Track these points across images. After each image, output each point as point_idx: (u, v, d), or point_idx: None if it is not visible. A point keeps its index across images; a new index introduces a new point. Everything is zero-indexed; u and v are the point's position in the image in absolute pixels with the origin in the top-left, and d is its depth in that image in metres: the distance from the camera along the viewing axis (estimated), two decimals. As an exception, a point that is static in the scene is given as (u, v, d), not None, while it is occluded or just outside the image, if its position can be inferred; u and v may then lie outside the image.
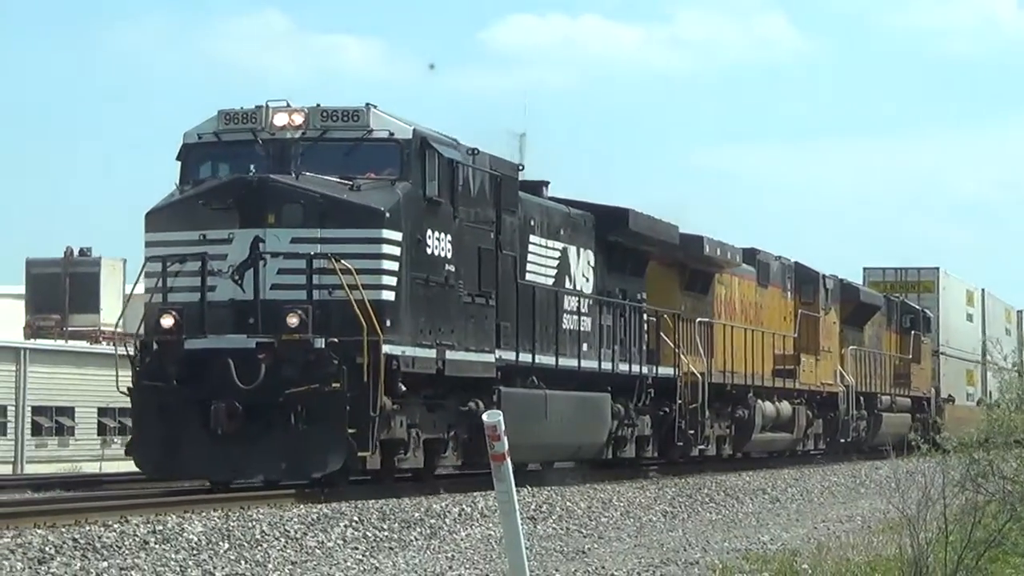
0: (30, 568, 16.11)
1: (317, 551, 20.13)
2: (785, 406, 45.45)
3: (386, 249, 25.06)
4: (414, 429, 26.40)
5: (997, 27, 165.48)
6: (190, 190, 25.82)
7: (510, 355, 29.36)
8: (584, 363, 33.33)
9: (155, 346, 24.95)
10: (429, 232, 26.37)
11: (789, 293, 47.57)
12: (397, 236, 25.26)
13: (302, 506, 22.86)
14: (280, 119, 25.72)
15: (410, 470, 27.42)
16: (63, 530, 18.27)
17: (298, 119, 25.73)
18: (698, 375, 39.04)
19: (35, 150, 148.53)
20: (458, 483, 28.42)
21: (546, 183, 34.86)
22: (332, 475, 24.71)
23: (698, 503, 33.50)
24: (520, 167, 31.23)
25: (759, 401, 43.59)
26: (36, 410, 61.42)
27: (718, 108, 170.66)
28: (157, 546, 18.38)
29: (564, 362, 32.16)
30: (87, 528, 18.72)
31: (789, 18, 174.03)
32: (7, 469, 52.97)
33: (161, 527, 19.22)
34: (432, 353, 26.33)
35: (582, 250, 34.21)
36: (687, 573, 20.52)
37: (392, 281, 25.16)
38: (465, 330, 27.59)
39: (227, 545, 19.13)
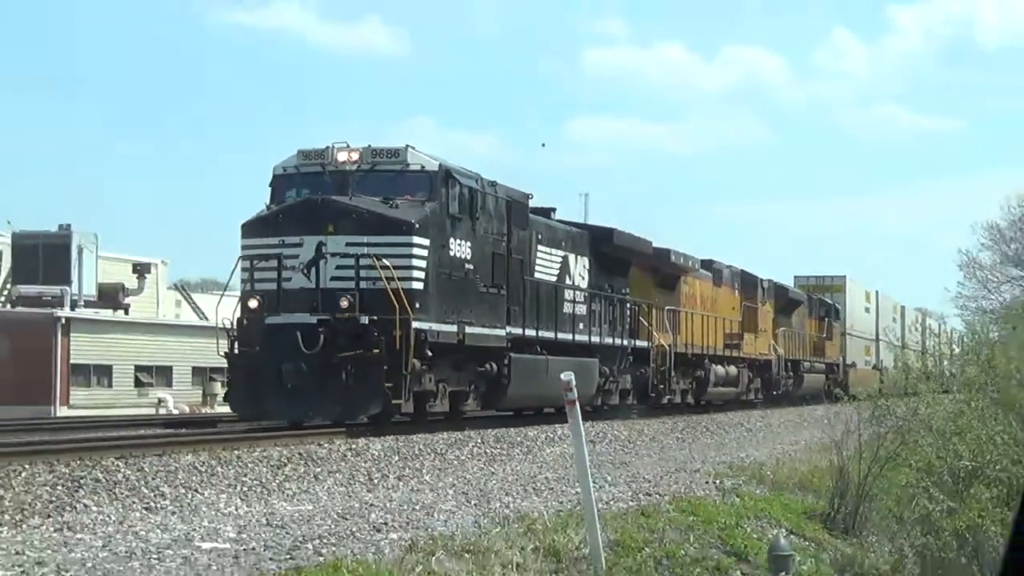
0: (271, 470, 17.38)
1: (455, 461, 20.96)
2: (732, 369, 43.55)
3: (415, 251, 23.24)
4: (441, 383, 24.67)
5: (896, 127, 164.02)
6: (274, 207, 24.16)
7: (518, 330, 27.39)
8: (578, 337, 31.13)
9: (244, 322, 23.39)
10: (452, 240, 24.54)
11: (737, 291, 45.44)
12: (425, 242, 23.48)
13: (445, 433, 23.14)
14: (341, 156, 24.09)
15: (440, 413, 25.51)
16: (291, 447, 19.25)
17: (354, 156, 24.10)
18: (666, 347, 37.08)
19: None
20: (479, 422, 26.55)
21: (553, 209, 32.89)
22: (376, 416, 22.93)
23: (699, 432, 33.55)
24: (529, 196, 29.01)
25: (713, 365, 41.57)
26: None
27: (712, 178, 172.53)
28: (353, 458, 19.37)
29: (562, 336, 30.07)
30: (308, 446, 19.74)
31: (762, 119, 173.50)
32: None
33: (355, 446, 20.20)
34: (454, 328, 24.42)
35: (579, 257, 32.21)
36: (692, 476, 22.05)
37: (420, 275, 23.33)
38: (481, 312, 25.68)
39: (397, 457, 20.09)
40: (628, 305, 35.58)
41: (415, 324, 22.67)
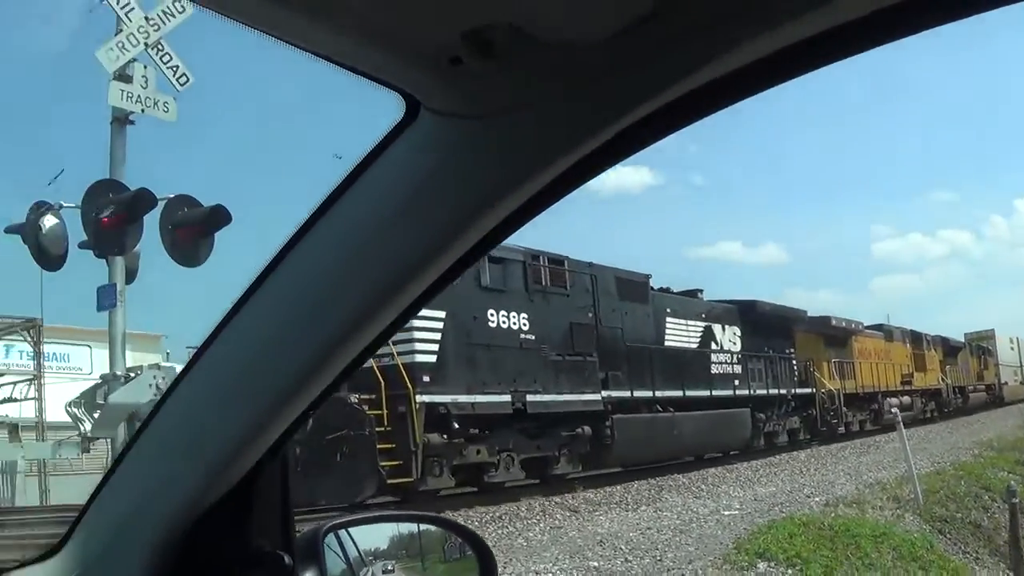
0: (752, 471, 15.67)
1: (841, 460, 17.62)
2: (907, 398, 28.31)
3: (420, 323, 11.30)
4: (506, 453, 12.50)
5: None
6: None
7: (623, 393, 14.70)
8: (722, 392, 17.94)
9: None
10: (490, 311, 12.24)
11: (907, 344, 30.66)
12: (439, 314, 11.47)
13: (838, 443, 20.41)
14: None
15: (513, 481, 13.02)
16: (762, 459, 16.66)
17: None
18: (835, 391, 23.28)
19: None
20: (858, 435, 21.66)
21: (701, 290, 19.96)
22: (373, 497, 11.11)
23: (870, 448, 21.45)
24: (648, 276, 16.72)
25: (887, 398, 26.66)
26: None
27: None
28: (791, 462, 16.99)
29: (693, 393, 16.82)
30: (769, 458, 17.53)
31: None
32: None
33: (791, 456, 17.17)
34: (506, 398, 12.26)
35: (727, 326, 19.19)
36: (956, 451, 17.82)
37: (432, 347, 11.50)
38: (552, 379, 13.30)
39: (814, 460, 17.50)
40: (793, 361, 21.98)
41: (423, 398, 11.02)
